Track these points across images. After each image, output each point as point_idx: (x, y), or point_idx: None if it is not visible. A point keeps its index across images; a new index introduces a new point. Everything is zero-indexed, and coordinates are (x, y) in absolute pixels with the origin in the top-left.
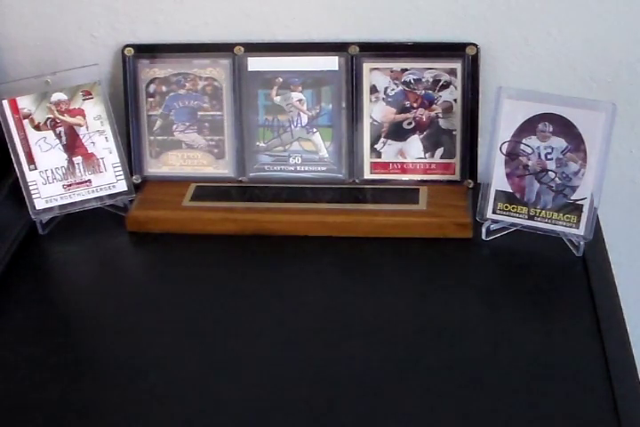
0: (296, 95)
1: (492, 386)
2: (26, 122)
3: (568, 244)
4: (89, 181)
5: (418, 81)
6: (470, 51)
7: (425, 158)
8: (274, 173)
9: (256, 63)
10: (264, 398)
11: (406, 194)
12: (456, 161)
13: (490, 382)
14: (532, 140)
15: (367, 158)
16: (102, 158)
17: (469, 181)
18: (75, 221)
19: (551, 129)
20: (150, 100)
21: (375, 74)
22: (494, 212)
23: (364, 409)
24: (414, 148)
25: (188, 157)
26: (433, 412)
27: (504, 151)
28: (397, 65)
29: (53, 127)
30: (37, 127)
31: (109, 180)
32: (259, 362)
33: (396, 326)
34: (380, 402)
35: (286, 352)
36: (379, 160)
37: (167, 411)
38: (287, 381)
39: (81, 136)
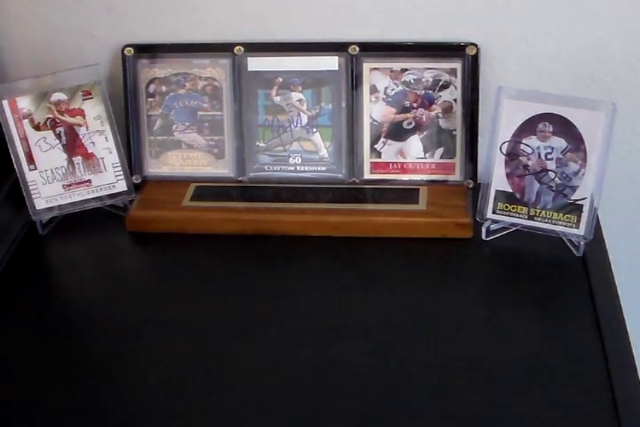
0: (296, 95)
1: (492, 386)
2: (26, 122)
3: (568, 244)
4: (89, 181)
5: (418, 81)
6: (470, 51)
7: (425, 158)
8: (274, 173)
9: (256, 63)
10: (264, 398)
11: (406, 194)
12: (456, 161)
13: (489, 382)
14: (532, 141)
15: (367, 158)
16: (102, 158)
17: (469, 181)
18: (75, 221)
19: (551, 129)
20: (150, 100)
21: (375, 74)
22: (494, 212)
23: (363, 409)
24: (414, 148)
25: (188, 157)
26: (432, 411)
27: (504, 151)
28: (397, 65)
29: (53, 127)
30: (37, 127)
31: (109, 180)
32: (259, 361)
33: (395, 326)
34: (379, 402)
35: (286, 352)
36: (379, 160)
37: (167, 411)
38: (287, 380)
39: (81, 136)
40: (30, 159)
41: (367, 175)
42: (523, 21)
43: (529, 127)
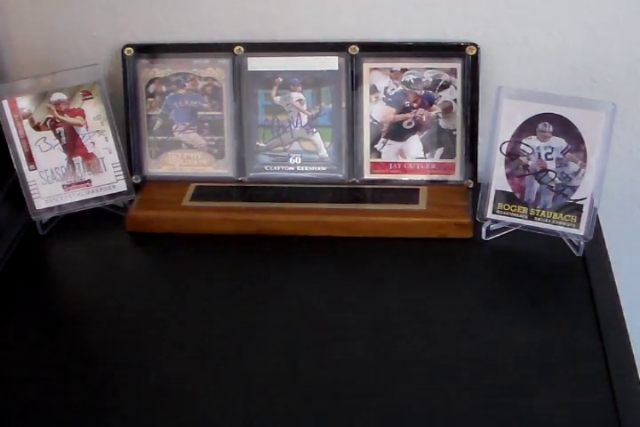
0: (296, 95)
1: (492, 386)
2: (26, 122)
3: (568, 244)
4: (89, 181)
5: (418, 81)
6: (470, 51)
7: (425, 158)
8: (274, 173)
9: (256, 63)
10: (264, 398)
11: (406, 194)
12: (456, 161)
13: (490, 382)
14: (532, 141)
15: (367, 158)
16: (102, 158)
17: (469, 181)
18: (75, 221)
19: (551, 129)
20: (150, 100)
21: (375, 74)
22: (494, 212)
23: (363, 409)
24: (414, 148)
25: (188, 157)
26: (432, 412)
27: (504, 151)
28: (397, 65)
29: (53, 127)
30: (37, 127)
31: (109, 180)
32: (258, 361)
33: (395, 326)
34: (379, 402)
35: (286, 352)
36: (379, 160)
37: (167, 411)
38: (287, 380)
39: (81, 136)
40: (30, 159)
41: (367, 175)
42: (523, 21)
43: (529, 127)
